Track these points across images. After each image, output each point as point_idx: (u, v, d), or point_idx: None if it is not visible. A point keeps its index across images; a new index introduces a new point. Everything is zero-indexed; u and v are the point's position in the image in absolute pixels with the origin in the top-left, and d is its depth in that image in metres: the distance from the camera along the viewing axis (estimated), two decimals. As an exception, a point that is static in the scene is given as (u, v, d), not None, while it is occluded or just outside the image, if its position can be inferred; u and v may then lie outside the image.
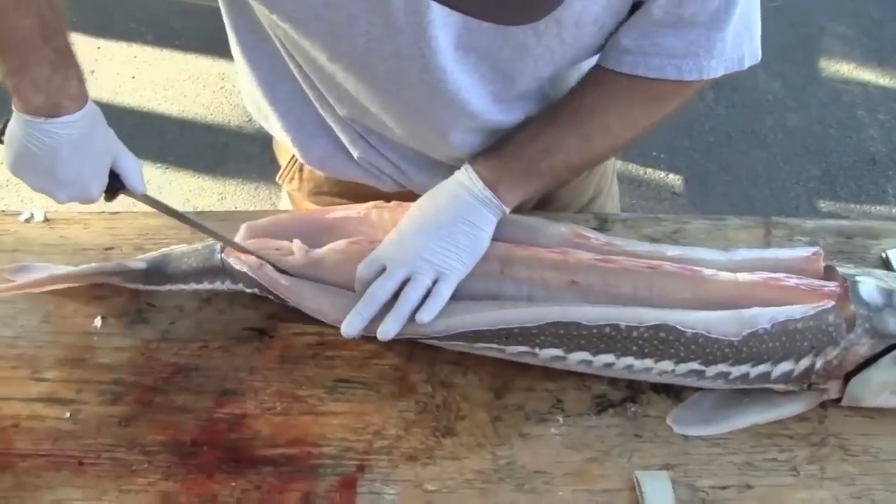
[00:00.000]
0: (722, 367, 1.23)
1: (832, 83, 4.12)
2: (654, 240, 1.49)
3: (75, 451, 1.20)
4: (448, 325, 1.24)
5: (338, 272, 1.31)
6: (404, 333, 1.25)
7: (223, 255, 1.33)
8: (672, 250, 1.34)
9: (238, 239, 1.36)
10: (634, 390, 1.29)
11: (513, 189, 1.33)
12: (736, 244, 1.48)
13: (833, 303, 1.22)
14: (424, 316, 1.23)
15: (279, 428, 1.23)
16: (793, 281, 1.27)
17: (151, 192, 1.30)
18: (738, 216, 1.55)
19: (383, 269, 1.26)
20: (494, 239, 1.32)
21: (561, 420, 1.25)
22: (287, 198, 1.76)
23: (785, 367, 1.23)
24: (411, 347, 1.31)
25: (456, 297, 1.29)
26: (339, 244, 1.31)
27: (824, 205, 3.57)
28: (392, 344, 1.28)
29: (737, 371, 1.23)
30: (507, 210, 1.33)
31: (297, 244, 1.32)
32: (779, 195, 3.62)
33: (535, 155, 1.34)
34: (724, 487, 1.19)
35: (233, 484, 1.16)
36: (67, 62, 1.21)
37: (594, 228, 1.48)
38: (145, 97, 3.81)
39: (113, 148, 1.27)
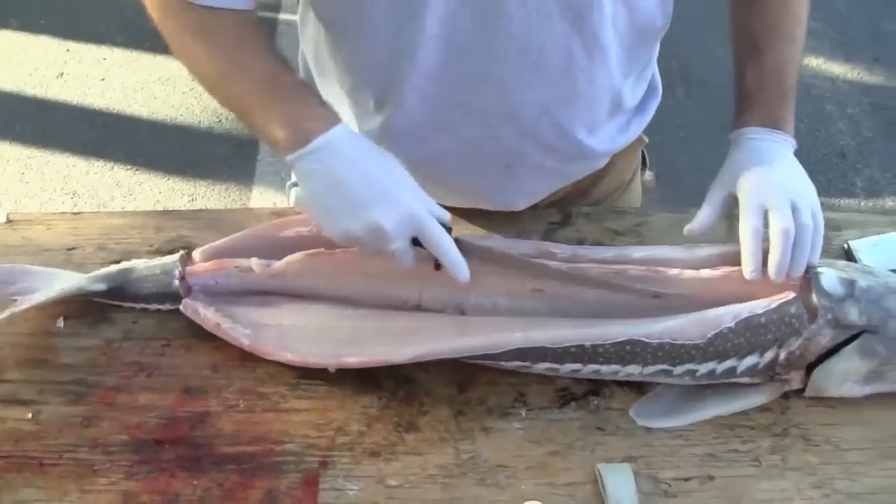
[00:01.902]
0: (689, 366, 1.24)
1: (801, 77, 4.13)
2: (617, 233, 1.50)
3: (37, 451, 1.19)
4: (416, 355, 1.23)
5: (301, 282, 1.31)
6: (367, 363, 1.24)
7: (179, 281, 1.32)
8: (637, 252, 1.35)
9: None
10: (597, 384, 1.29)
11: (790, 118, 1.40)
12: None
13: (794, 294, 1.23)
14: None
15: (242, 425, 1.22)
16: (754, 272, 1.28)
17: (121, 195, 1.30)
18: (699, 207, 1.56)
19: None
20: None
21: (523, 414, 1.25)
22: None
23: (750, 360, 1.24)
24: (374, 344, 1.31)
25: (423, 306, 1.30)
26: (298, 256, 1.30)
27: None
28: (354, 341, 1.28)
29: (704, 368, 1.24)
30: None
31: (254, 261, 1.31)
32: (749, 189, 3.63)
33: (777, 78, 1.39)
34: (686, 479, 1.20)
35: (195, 482, 1.16)
36: (303, 94, 1.22)
37: (556, 223, 1.49)
38: (115, 99, 3.80)
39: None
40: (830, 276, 1.26)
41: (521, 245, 1.36)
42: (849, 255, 1.46)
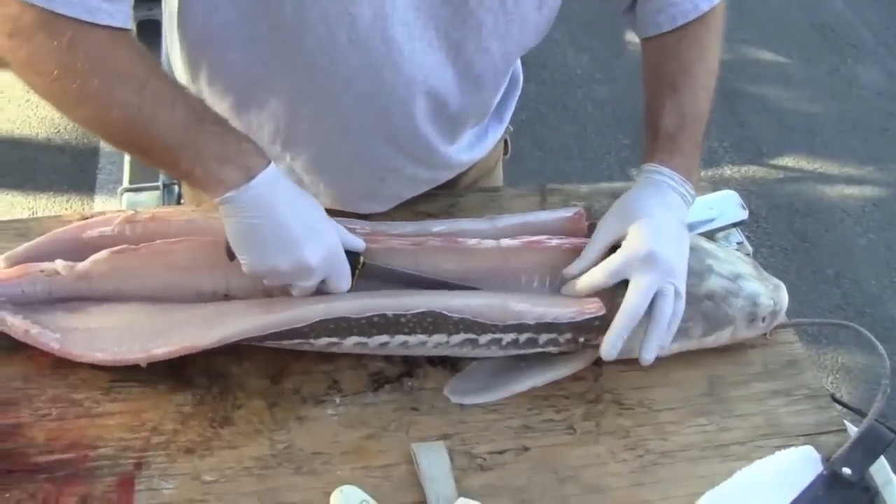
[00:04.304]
0: (492, 336, 1.26)
1: (637, 54, 4.21)
2: (429, 215, 1.52)
3: None
4: (222, 337, 1.22)
5: (108, 281, 1.29)
6: (175, 352, 1.23)
7: None
8: (437, 226, 1.37)
9: None
10: (410, 365, 1.31)
11: (696, 170, 1.38)
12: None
13: (603, 311, 1.25)
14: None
15: (55, 433, 1.20)
16: (554, 241, 1.31)
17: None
18: (514, 187, 1.59)
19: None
20: None
21: (338, 400, 1.26)
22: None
23: (549, 336, 1.28)
24: (187, 341, 1.30)
25: (231, 295, 1.30)
26: (102, 255, 1.28)
27: (636, 172, 3.64)
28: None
29: (507, 338, 1.26)
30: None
31: (59, 263, 1.28)
32: (591, 166, 3.70)
33: (694, 125, 1.38)
34: (501, 452, 1.22)
35: (7, 495, 1.14)
36: (229, 128, 1.19)
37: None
38: (-54, 116, 3.70)
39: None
40: None
41: None
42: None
